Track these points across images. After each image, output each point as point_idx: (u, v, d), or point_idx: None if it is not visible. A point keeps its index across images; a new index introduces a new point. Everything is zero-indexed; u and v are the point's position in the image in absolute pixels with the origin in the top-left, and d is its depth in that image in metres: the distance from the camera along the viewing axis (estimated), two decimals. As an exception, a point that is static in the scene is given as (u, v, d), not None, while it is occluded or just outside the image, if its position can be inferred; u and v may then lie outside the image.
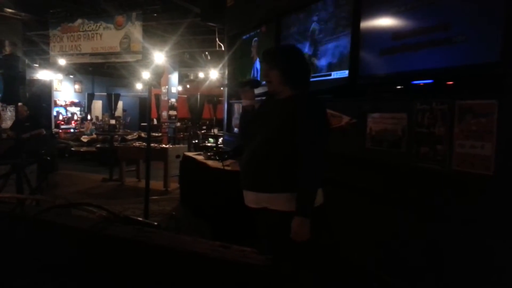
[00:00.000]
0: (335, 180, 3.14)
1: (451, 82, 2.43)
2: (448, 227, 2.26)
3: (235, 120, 6.00)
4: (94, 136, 12.93)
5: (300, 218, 1.92)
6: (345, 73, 3.31)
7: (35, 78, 13.69)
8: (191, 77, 16.74)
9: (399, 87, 2.89)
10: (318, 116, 2.05)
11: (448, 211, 2.26)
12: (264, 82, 2.27)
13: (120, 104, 17.51)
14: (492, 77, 2.12)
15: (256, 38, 5.26)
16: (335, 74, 3.46)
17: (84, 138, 12.78)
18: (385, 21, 2.86)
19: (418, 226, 2.46)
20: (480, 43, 2.15)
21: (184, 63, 13.65)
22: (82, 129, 14.42)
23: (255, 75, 5.19)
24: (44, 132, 6.83)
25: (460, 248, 2.19)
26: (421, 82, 2.60)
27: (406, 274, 2.55)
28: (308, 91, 2.16)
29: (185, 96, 17.21)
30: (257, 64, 5.22)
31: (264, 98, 2.31)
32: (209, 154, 5.21)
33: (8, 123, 9.06)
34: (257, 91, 2.34)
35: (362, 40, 3.10)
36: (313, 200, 1.96)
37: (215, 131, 11.06)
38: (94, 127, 14.64)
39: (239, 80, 5.33)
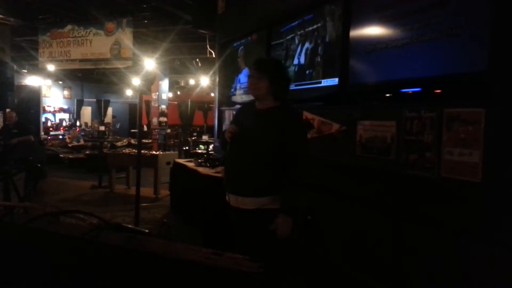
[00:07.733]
0: (325, 186, 3.16)
1: (439, 91, 2.47)
2: (437, 234, 2.29)
3: (226, 127, 6.00)
4: (82, 142, 12.81)
5: (284, 217, 2.13)
6: (335, 81, 3.35)
7: (23, 84, 13.51)
8: (182, 84, 16.70)
9: (388, 95, 2.93)
10: (303, 126, 2.40)
11: (437, 218, 2.29)
12: (241, 91, 2.48)
13: (109, 110, 17.41)
14: (479, 86, 2.16)
15: (242, 47, 5.29)
16: (325, 82, 3.49)
17: (72, 145, 12.66)
18: (374, 30, 2.91)
19: (407, 232, 2.48)
20: (467, 53, 2.19)
21: (175, 69, 13.62)
22: (69, 136, 14.25)
23: (237, 86, 5.24)
24: (33, 139, 6.74)
25: (449, 254, 2.21)
26: (410, 90, 2.64)
27: (395, 280, 2.56)
28: (288, 102, 2.39)
29: (176, 102, 17.17)
30: (242, 75, 5.24)
31: (241, 105, 2.43)
32: (199, 161, 5.19)
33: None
34: (240, 99, 2.51)
35: (351, 49, 3.14)
36: (297, 200, 2.18)
37: (206, 137, 11.04)
38: (83, 133, 14.49)
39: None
